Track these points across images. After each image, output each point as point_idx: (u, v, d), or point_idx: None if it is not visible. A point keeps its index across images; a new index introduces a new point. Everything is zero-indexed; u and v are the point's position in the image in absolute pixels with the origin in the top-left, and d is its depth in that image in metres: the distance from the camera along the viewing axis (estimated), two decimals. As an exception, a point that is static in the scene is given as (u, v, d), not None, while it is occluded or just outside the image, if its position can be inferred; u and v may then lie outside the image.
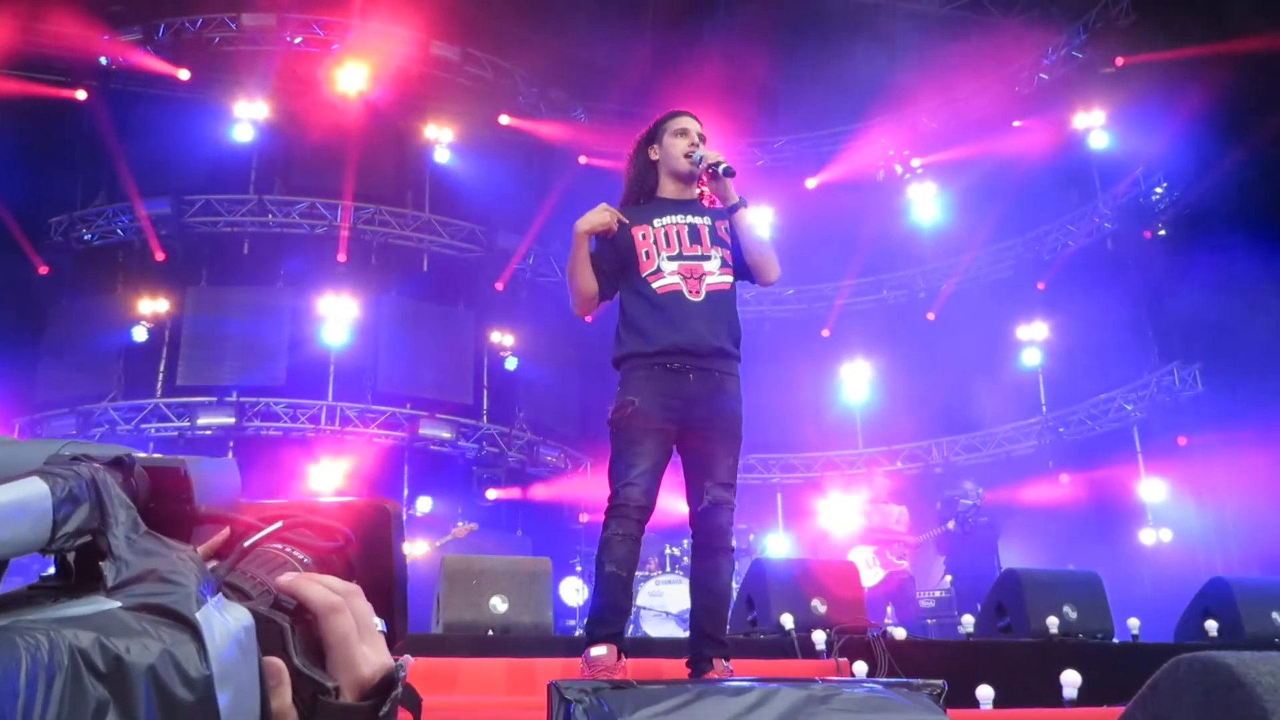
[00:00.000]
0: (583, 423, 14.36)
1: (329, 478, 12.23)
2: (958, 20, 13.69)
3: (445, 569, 5.38)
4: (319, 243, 13.95)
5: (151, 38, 13.25)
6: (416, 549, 10.05)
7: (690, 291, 3.94)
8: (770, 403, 14.75)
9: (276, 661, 0.74)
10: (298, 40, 13.66)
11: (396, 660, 0.82)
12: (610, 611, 3.72)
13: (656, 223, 4.07)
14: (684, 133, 4.20)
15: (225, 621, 0.69)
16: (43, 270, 13.25)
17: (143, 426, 12.56)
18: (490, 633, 5.15)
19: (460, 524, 10.02)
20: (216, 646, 0.67)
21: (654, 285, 3.96)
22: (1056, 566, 9.27)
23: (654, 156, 4.23)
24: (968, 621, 5.93)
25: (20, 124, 12.33)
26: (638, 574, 9.78)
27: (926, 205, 14.76)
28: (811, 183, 15.13)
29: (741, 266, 4.10)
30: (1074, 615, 5.70)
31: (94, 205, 13.76)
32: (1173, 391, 12.37)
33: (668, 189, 4.20)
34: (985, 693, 4.11)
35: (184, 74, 13.23)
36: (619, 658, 3.68)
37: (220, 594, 0.71)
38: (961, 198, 14.47)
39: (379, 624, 0.85)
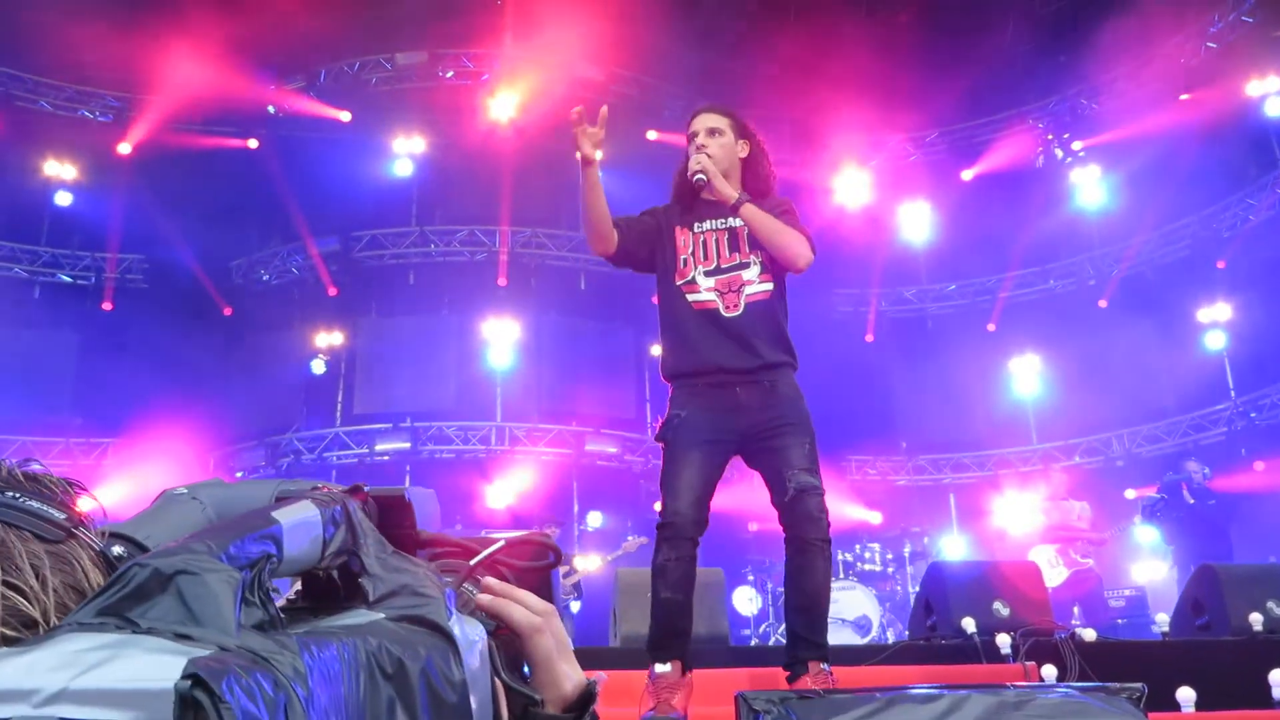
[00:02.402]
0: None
1: (502, 497, 12.52)
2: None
3: (620, 583, 5.47)
4: (479, 268, 14.35)
5: (313, 83, 13.93)
6: (590, 563, 10.23)
7: (727, 307, 3.81)
8: (937, 401, 14.49)
9: (495, 679, 0.79)
10: (449, 74, 14.13)
11: (589, 678, 0.87)
12: (669, 636, 3.66)
13: (697, 228, 3.96)
14: (692, 137, 4.05)
15: (467, 632, 0.74)
16: (227, 311, 14.06)
17: (325, 455, 13.12)
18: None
19: (630, 538, 10.14)
20: (464, 654, 0.72)
21: (689, 298, 3.86)
22: (1257, 560, 8.78)
23: None
24: (1162, 620, 5.67)
25: (200, 176, 13.15)
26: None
27: (1091, 189, 14.18)
28: (967, 174, 14.74)
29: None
30: (1279, 611, 5.38)
31: (270, 247, 14.53)
32: (1376, 368, 11.58)
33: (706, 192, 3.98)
34: (1186, 695, 3.93)
35: (345, 116, 13.85)
36: (684, 673, 3.64)
37: (459, 608, 0.77)
38: (1129, 178, 13.85)
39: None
